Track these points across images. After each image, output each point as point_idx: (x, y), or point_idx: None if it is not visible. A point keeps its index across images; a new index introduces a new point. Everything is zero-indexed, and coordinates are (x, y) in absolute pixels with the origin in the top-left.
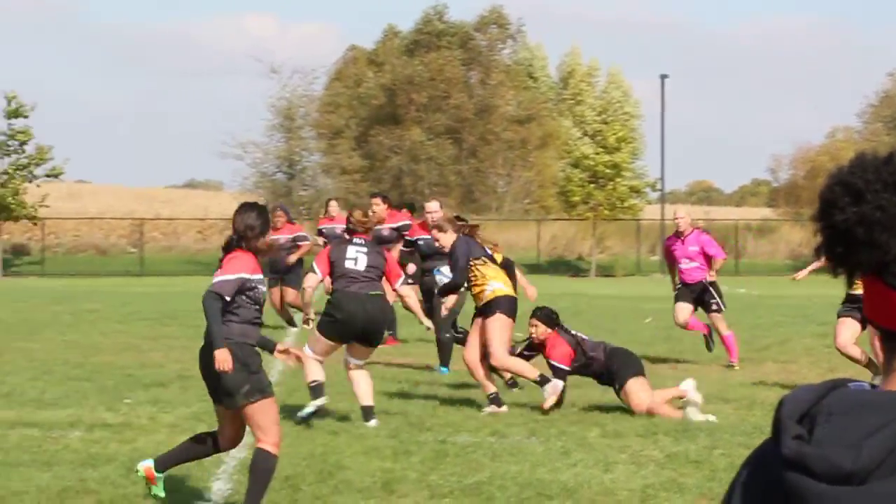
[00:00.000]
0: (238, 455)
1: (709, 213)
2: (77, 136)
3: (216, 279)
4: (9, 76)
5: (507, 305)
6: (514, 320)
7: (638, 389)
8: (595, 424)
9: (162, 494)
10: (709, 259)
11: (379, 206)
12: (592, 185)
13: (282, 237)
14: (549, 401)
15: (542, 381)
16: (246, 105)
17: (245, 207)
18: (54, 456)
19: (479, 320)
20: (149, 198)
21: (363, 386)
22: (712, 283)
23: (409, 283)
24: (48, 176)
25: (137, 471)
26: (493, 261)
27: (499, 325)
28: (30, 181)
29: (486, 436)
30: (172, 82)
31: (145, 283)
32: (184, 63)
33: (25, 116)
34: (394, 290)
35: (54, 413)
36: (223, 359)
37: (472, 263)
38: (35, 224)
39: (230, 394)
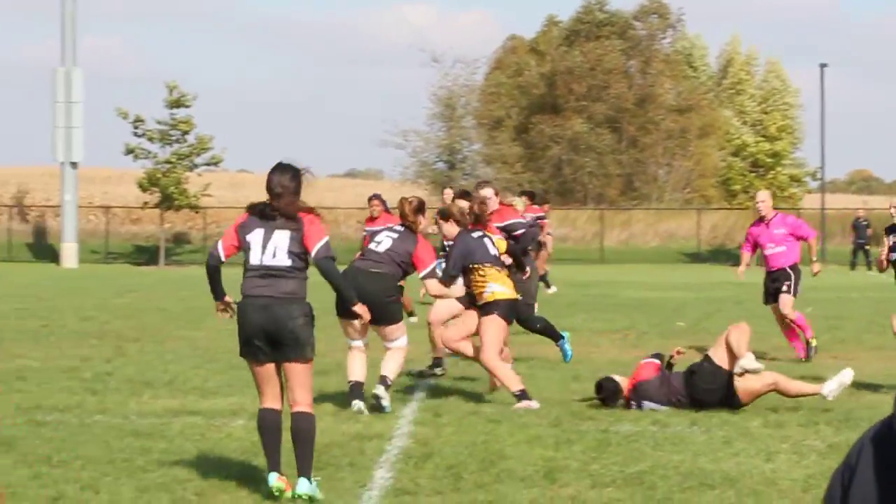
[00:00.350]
0: (399, 444)
1: (867, 202)
2: (239, 126)
3: (320, 243)
4: (171, 65)
5: (505, 308)
6: (510, 323)
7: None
8: (756, 414)
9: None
10: (799, 243)
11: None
12: (753, 175)
13: (375, 228)
14: (518, 407)
15: (521, 395)
16: (408, 94)
17: (281, 167)
18: (217, 444)
19: (474, 312)
20: (310, 187)
21: (388, 363)
22: (793, 268)
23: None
24: (208, 165)
25: (277, 489)
26: (498, 262)
27: (494, 326)
28: (191, 170)
29: (647, 425)
30: (333, 71)
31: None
32: (345, 52)
33: (187, 106)
34: (421, 279)
35: (217, 401)
36: (364, 310)
37: (473, 266)
38: (196, 213)
39: (304, 345)
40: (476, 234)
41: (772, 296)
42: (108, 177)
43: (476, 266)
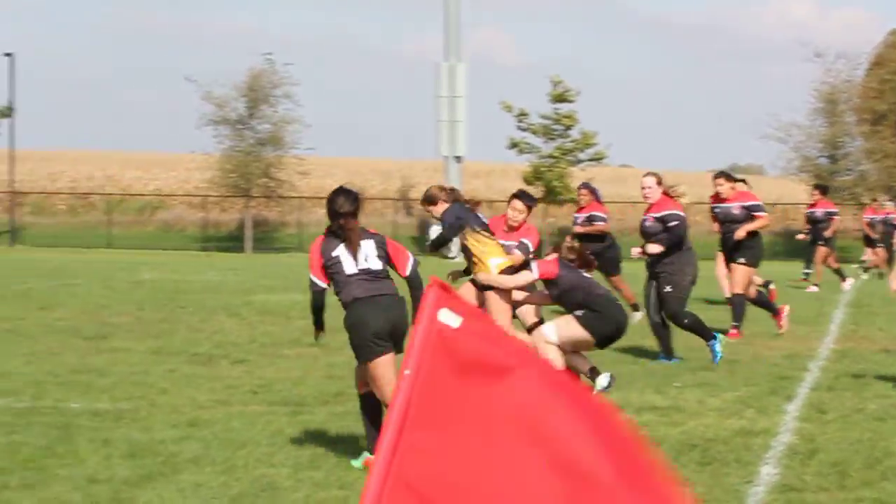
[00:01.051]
0: (784, 440)
1: None
2: (620, 120)
3: (411, 259)
4: (554, 59)
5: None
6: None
7: None
8: None
9: None
10: None
11: (722, 186)
12: None
13: (580, 216)
14: None
15: None
16: (788, 89)
17: (344, 191)
18: None
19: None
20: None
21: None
22: None
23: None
24: (591, 160)
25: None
26: (488, 230)
27: (495, 300)
28: (574, 165)
29: None
30: (714, 66)
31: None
32: (725, 48)
33: (571, 101)
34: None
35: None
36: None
37: (470, 235)
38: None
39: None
40: (466, 206)
41: None
42: (491, 170)
43: (472, 234)
